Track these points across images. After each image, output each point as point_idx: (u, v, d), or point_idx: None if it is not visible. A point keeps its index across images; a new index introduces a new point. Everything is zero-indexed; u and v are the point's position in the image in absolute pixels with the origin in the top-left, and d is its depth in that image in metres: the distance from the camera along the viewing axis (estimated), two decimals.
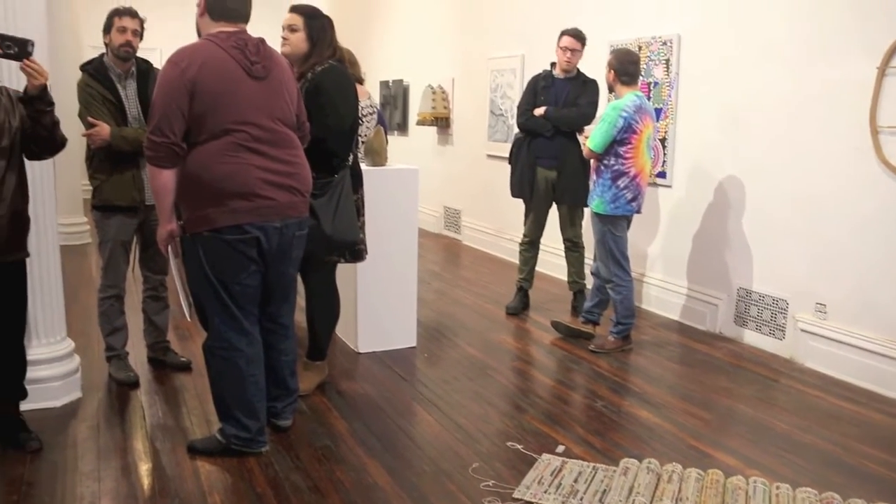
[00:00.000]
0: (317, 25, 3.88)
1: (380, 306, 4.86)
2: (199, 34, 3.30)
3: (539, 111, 5.57)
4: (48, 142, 3.34)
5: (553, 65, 5.70)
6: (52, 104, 3.26)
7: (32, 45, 3.07)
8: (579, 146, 5.36)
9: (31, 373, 3.76)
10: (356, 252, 4.10)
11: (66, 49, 7.74)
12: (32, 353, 3.87)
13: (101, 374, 4.41)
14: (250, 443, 3.42)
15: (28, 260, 3.47)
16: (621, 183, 4.81)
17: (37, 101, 3.20)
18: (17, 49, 3.02)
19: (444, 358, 4.89)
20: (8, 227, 3.22)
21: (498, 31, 8.08)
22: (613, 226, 4.91)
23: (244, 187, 3.13)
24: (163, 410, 4.01)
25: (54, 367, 3.99)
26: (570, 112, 5.53)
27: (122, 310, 4.40)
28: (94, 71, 4.15)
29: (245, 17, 3.27)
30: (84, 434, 3.70)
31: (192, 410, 3.99)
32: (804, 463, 3.51)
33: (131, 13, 4.19)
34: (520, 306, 5.96)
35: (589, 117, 5.52)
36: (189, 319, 3.58)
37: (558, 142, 5.57)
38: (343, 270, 4.40)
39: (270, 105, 3.21)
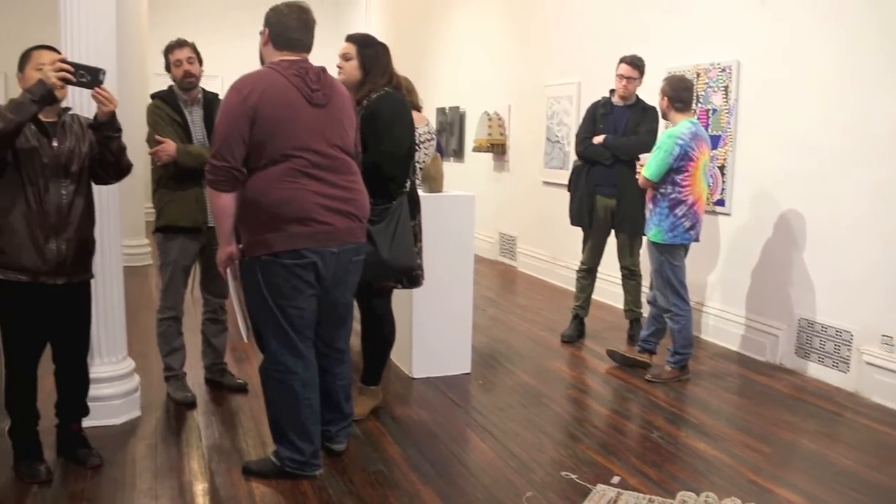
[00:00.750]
0: (369, 53, 3.95)
1: (435, 332, 4.87)
2: (262, 62, 3.38)
3: (598, 139, 5.56)
4: (115, 167, 3.46)
5: (612, 92, 5.68)
6: (119, 130, 3.38)
7: (104, 73, 3.19)
8: None
9: (93, 391, 3.85)
10: (413, 278, 4.12)
11: (133, 77, 7.98)
12: (95, 371, 3.96)
13: (159, 394, 4.49)
14: (304, 466, 3.44)
15: (92, 280, 3.57)
16: (679, 211, 4.75)
17: (106, 127, 3.32)
18: (90, 78, 3.14)
19: (498, 385, 4.86)
20: (75, 250, 3.33)
21: (554, 58, 8.10)
22: (671, 255, 4.85)
23: (302, 212, 3.18)
24: (219, 431, 4.06)
25: (115, 385, 4.08)
26: (630, 140, 5.50)
27: (180, 331, 4.48)
28: (163, 95, 4.30)
29: (307, 47, 3.34)
30: (142, 452, 3.77)
31: (248, 432, 4.03)
32: (870, 502, 3.39)
33: (180, 43, 4.34)
34: (575, 334, 5.91)
35: (649, 145, 5.47)
36: (247, 341, 3.63)
37: (618, 170, 5.54)
38: (399, 296, 4.42)
39: (329, 132, 3.26)
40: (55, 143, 3.27)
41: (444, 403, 4.51)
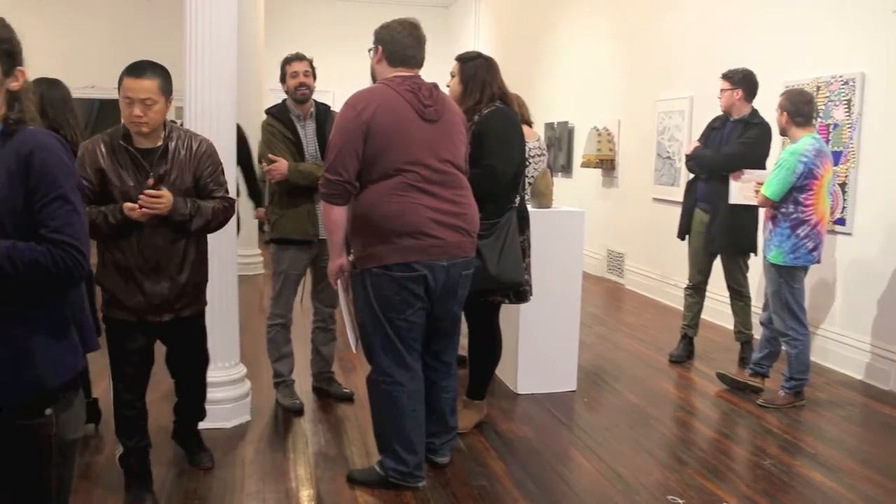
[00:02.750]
0: (468, 68, 3.99)
1: (541, 348, 4.84)
2: (374, 78, 3.45)
3: (687, 150, 5.44)
4: (207, 230, 3.35)
5: None
6: (189, 216, 3.17)
7: (165, 174, 3.10)
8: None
9: (208, 394, 4.00)
10: (521, 293, 4.11)
11: (249, 93, 8.30)
12: (209, 375, 4.10)
13: (268, 400, 4.61)
14: (408, 477, 3.47)
15: (209, 287, 3.65)
16: (801, 232, 4.57)
17: (177, 219, 3.16)
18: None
19: (604, 404, 4.79)
20: (181, 290, 3.28)
21: (666, 72, 7.96)
22: (791, 277, 4.66)
23: (413, 226, 3.22)
24: (325, 439, 4.14)
25: (227, 390, 4.22)
26: (705, 153, 5.35)
27: (288, 337, 4.60)
28: (276, 113, 4.44)
29: (419, 63, 3.40)
30: (251, 456, 3.88)
31: (354, 441, 4.10)
32: None
33: (299, 57, 4.48)
34: (684, 354, 5.76)
35: (730, 158, 5.18)
36: (354, 352, 3.70)
37: (713, 185, 5.38)
38: (506, 311, 4.42)
39: (441, 147, 3.30)
40: (151, 181, 3.11)
41: (549, 420, 4.47)
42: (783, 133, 4.79)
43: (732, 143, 5.28)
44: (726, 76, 5.35)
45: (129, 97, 3.05)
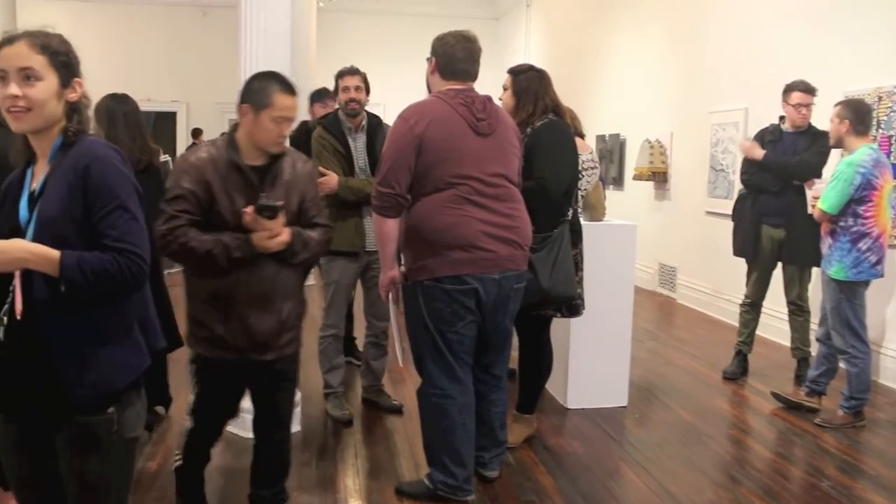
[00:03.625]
0: (520, 80, 3.98)
1: (592, 363, 4.79)
2: (429, 90, 3.45)
3: (757, 153, 5.30)
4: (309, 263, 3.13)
5: (782, 118, 5.43)
6: (296, 252, 2.87)
7: (281, 208, 2.80)
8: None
9: None
10: (573, 307, 4.06)
11: (301, 107, 8.37)
12: None
13: (318, 410, 4.63)
14: (457, 490, 3.44)
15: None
16: (863, 245, 4.44)
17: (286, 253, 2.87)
18: (271, 214, 2.85)
19: (655, 420, 4.72)
20: (292, 326, 2.99)
21: (720, 83, 7.84)
22: (852, 293, 4.52)
23: (464, 239, 3.21)
24: (374, 450, 4.15)
25: None
26: (792, 160, 5.21)
27: (339, 349, 4.62)
28: (328, 125, 4.48)
29: (473, 76, 3.40)
30: (300, 466, 3.89)
31: (402, 453, 4.09)
32: None
33: (351, 71, 4.51)
34: (738, 371, 5.64)
35: (813, 167, 5.13)
36: (401, 365, 3.70)
37: (786, 198, 5.26)
38: (557, 324, 4.38)
39: (494, 160, 3.29)
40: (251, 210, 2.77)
41: (599, 436, 4.42)
42: (839, 144, 4.67)
43: (812, 152, 5.19)
44: (808, 90, 5.22)
45: (284, 116, 2.80)
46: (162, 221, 2.71)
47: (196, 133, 14.63)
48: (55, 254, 1.83)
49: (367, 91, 4.54)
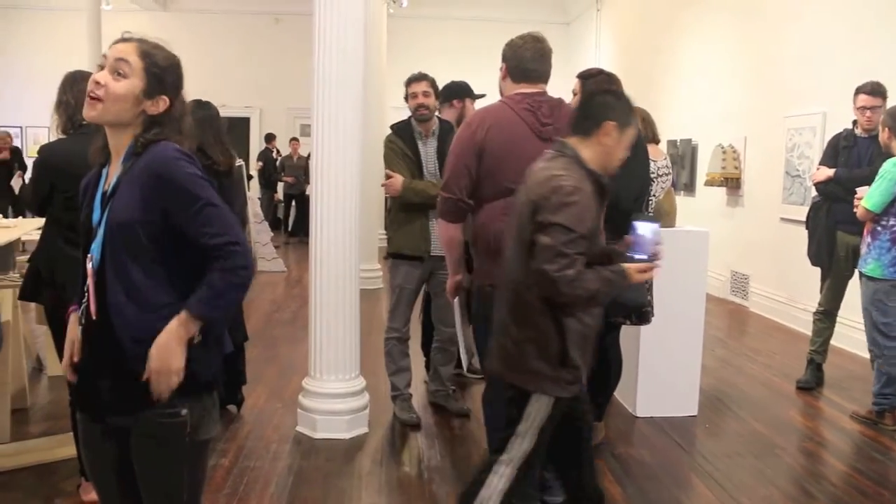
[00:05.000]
0: (588, 84, 3.95)
1: (661, 371, 4.72)
2: (502, 95, 3.45)
3: (824, 174, 5.17)
4: None
5: (855, 123, 5.28)
6: None
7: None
8: None
9: (327, 405, 4.09)
10: (642, 314, 4.00)
11: (373, 110, 8.48)
12: (330, 387, 4.21)
13: (386, 413, 4.67)
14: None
15: (332, 300, 3.64)
16: None
17: None
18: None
19: (726, 430, 4.63)
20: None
21: (796, 87, 7.65)
22: (886, 293, 4.50)
23: None
24: (441, 454, 4.16)
25: (347, 401, 4.31)
26: (863, 172, 5.05)
27: (405, 352, 4.65)
28: (399, 130, 4.53)
29: (544, 77, 3.36)
30: (367, 467, 3.94)
31: (469, 457, 4.09)
32: None
33: (418, 77, 4.55)
34: (812, 381, 5.49)
35: None
36: (465, 372, 3.68)
37: None
38: (625, 331, 4.33)
39: None
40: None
41: (668, 445, 4.35)
42: (887, 150, 4.59)
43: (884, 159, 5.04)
44: (874, 91, 5.09)
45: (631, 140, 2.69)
46: (565, 265, 2.40)
47: (269, 138, 14.91)
48: (184, 318, 1.93)
49: (437, 96, 4.58)
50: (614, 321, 4.00)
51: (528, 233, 2.51)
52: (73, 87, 3.23)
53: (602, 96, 2.71)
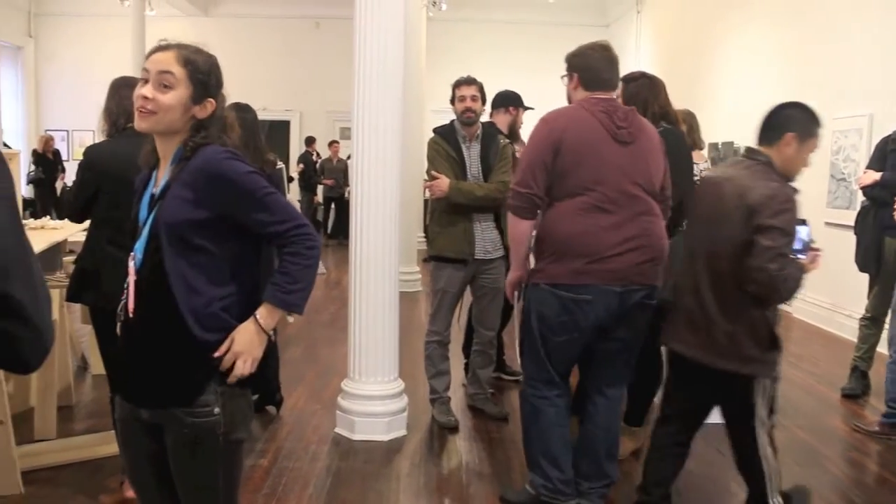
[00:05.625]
0: (630, 88, 3.93)
1: None
2: (570, 104, 3.42)
3: (868, 178, 5.07)
4: None
5: None
6: None
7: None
8: None
9: (366, 407, 4.10)
10: None
11: (412, 114, 8.50)
12: (369, 389, 4.23)
13: (424, 416, 4.68)
14: (557, 494, 3.37)
15: (372, 302, 3.68)
16: None
17: None
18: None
19: None
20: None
21: (841, 88, 7.52)
22: None
23: (589, 247, 3.14)
24: (479, 457, 4.15)
25: (386, 404, 4.32)
26: None
27: (446, 355, 4.65)
28: (443, 132, 4.53)
29: (614, 85, 3.38)
30: (406, 470, 3.94)
31: (508, 461, 4.09)
32: None
33: (468, 81, 4.53)
34: (858, 388, 5.38)
35: None
36: (504, 375, 3.66)
37: None
38: None
39: (632, 170, 3.20)
40: None
41: (709, 452, 4.28)
42: None
43: None
44: None
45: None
46: (783, 265, 2.80)
47: (309, 141, 15.02)
48: (268, 309, 2.02)
49: (483, 100, 4.57)
50: (658, 325, 3.95)
51: (743, 234, 2.84)
52: (117, 94, 3.31)
53: (787, 109, 3.04)
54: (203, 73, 2.04)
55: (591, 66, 3.32)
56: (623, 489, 3.72)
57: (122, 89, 3.23)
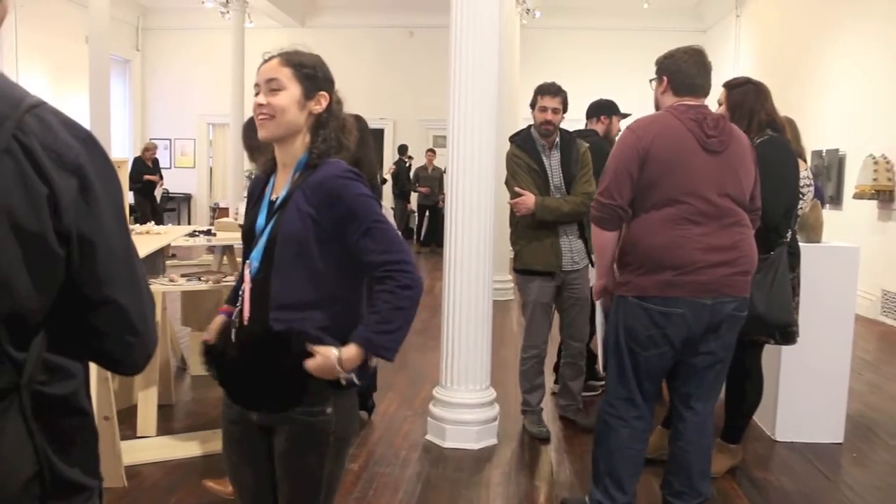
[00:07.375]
0: (735, 94, 3.81)
1: (804, 394, 4.48)
2: (658, 108, 3.35)
3: None
4: None
5: None
6: None
7: None
8: None
9: (457, 415, 4.10)
10: (787, 334, 3.79)
11: (507, 122, 8.49)
12: (461, 397, 4.23)
13: (515, 425, 4.64)
14: None
15: (465, 310, 3.67)
16: None
17: None
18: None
19: (876, 461, 4.34)
20: None
21: None
22: None
23: (680, 260, 3.05)
24: (570, 469, 4.10)
25: (477, 412, 4.31)
26: None
27: (541, 370, 4.60)
28: (521, 142, 4.48)
29: (706, 91, 3.24)
30: (496, 479, 3.92)
31: None
32: None
33: (552, 91, 4.43)
34: None
35: None
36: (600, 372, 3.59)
37: None
38: (766, 351, 4.14)
39: (722, 180, 3.10)
40: None
41: (810, 472, 4.12)
42: None
43: None
44: None
45: None
46: None
47: (403, 149, 15.18)
48: (353, 347, 1.95)
49: (565, 110, 4.49)
50: (757, 340, 3.83)
51: None
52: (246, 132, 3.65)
53: None
54: (309, 68, 2.05)
55: (681, 69, 3.21)
56: None
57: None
